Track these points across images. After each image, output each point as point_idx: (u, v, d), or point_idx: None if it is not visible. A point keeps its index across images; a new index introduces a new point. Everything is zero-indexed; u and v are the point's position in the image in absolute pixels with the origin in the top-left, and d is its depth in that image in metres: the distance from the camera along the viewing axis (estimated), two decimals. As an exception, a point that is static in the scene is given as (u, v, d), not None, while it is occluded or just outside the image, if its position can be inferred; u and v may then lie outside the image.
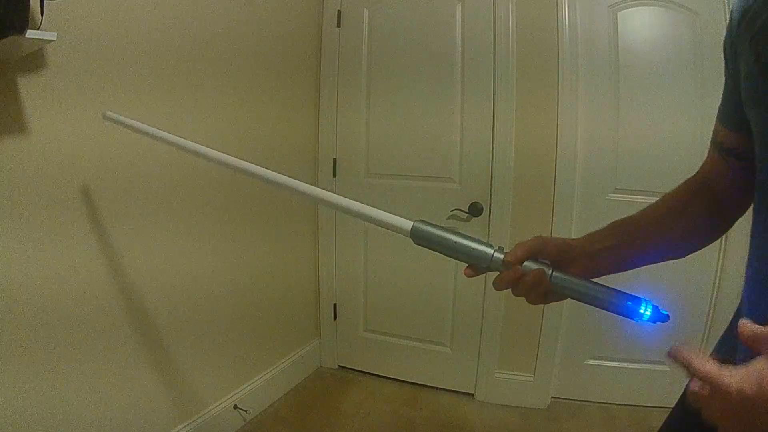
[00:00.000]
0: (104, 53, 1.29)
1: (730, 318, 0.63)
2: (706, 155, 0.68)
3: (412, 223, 0.63)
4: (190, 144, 0.90)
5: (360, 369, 2.40)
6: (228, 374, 1.86)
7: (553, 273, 0.59)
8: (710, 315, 1.91)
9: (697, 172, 0.69)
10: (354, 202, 0.68)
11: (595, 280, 0.61)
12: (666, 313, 0.56)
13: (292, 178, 0.74)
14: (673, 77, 1.86)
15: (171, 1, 1.48)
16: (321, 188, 0.74)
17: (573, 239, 0.66)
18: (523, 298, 0.62)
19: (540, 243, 0.62)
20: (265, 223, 1.99)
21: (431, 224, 0.63)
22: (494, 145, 2.02)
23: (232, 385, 1.88)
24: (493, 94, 2.01)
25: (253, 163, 0.79)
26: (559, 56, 1.92)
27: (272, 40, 1.95)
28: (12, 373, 1.14)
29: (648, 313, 0.56)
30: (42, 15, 1.02)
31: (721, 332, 0.66)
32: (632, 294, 0.58)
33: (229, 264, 1.82)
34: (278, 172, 0.75)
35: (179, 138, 0.93)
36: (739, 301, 0.60)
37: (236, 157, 0.81)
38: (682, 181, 0.70)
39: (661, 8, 1.86)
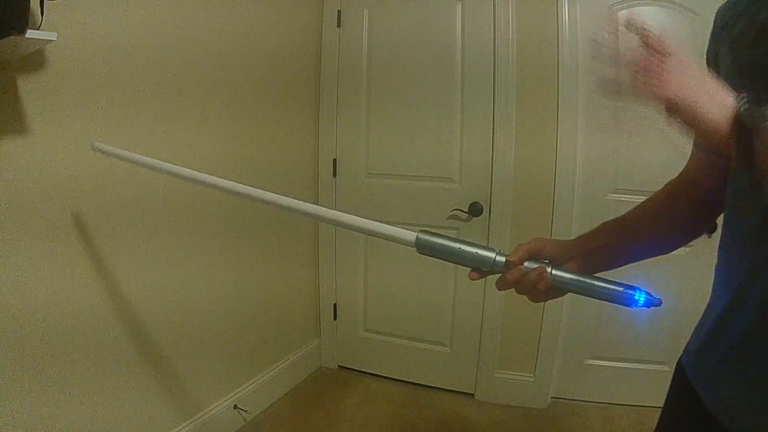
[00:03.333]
0: (103, 64, 1.29)
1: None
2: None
3: (416, 234, 0.66)
4: (184, 171, 0.91)
5: (360, 369, 2.40)
6: (228, 374, 1.86)
7: (553, 270, 0.63)
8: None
9: (681, 172, 0.73)
10: (356, 217, 0.71)
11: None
12: (658, 298, 0.61)
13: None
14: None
15: (170, 6, 1.48)
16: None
17: (567, 240, 0.71)
18: (524, 298, 0.66)
19: (539, 244, 0.66)
20: (266, 226, 1.98)
21: (434, 234, 0.67)
22: (494, 145, 2.02)
23: (232, 385, 1.88)
24: (493, 94, 2.01)
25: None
26: (559, 56, 1.92)
27: (272, 41, 1.95)
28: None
29: (642, 299, 0.61)
30: (42, 15, 1.02)
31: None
32: (625, 283, 0.62)
33: (230, 267, 1.81)
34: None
35: (172, 165, 0.93)
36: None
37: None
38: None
39: (661, 8, 1.86)
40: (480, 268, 0.65)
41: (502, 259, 0.63)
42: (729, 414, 0.55)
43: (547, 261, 0.65)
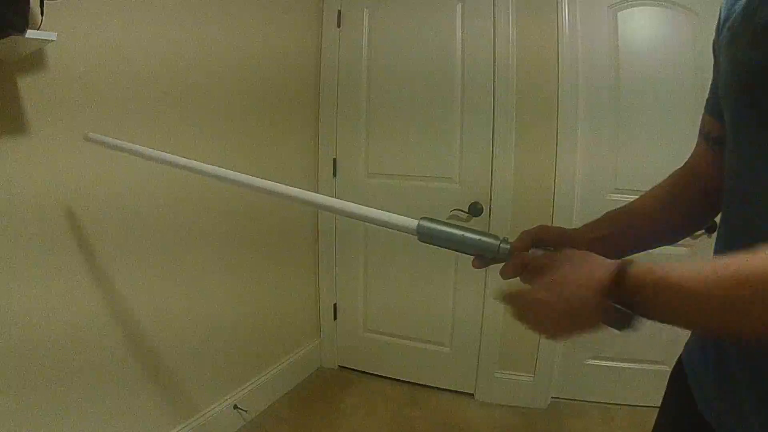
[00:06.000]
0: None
1: None
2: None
3: (417, 221, 0.64)
4: (177, 159, 0.88)
5: (360, 369, 2.40)
6: (228, 374, 1.86)
7: None
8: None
9: (686, 163, 0.72)
10: (357, 205, 0.69)
11: None
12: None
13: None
14: (673, 78, 1.86)
15: (171, 10, 1.48)
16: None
17: (572, 228, 0.71)
18: None
19: (542, 231, 0.67)
20: (266, 227, 1.98)
21: (436, 221, 0.64)
22: (494, 145, 2.02)
23: (232, 385, 1.88)
24: (494, 94, 2.01)
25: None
26: (559, 57, 1.91)
27: (272, 42, 1.94)
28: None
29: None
30: (42, 15, 1.02)
31: None
32: None
33: (230, 268, 1.81)
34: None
35: (166, 154, 0.91)
36: None
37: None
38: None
39: (661, 8, 1.86)
40: (483, 256, 0.63)
41: (507, 246, 0.62)
42: (713, 415, 0.57)
43: (551, 248, 0.63)
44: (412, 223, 0.64)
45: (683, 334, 0.70)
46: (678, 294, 0.43)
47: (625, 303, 0.47)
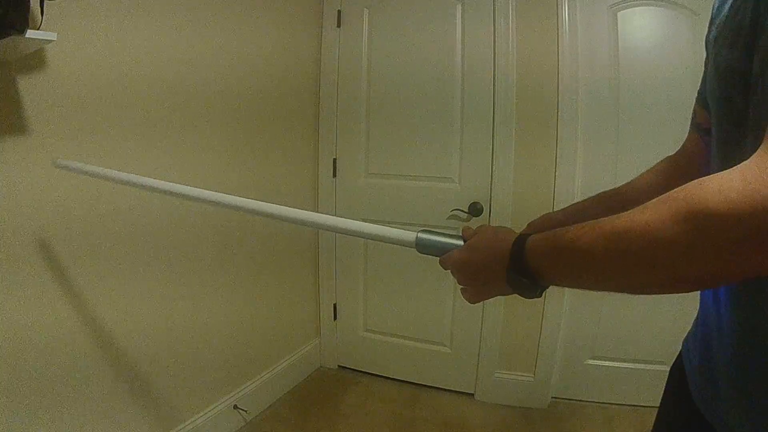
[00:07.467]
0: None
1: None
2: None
3: (416, 234, 0.63)
4: (159, 183, 0.86)
5: (360, 369, 2.40)
6: (228, 374, 1.86)
7: None
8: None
9: (678, 150, 0.76)
10: (353, 221, 0.68)
11: None
12: None
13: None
14: (673, 78, 1.85)
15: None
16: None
17: (566, 209, 0.76)
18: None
19: (544, 221, 0.72)
20: (264, 227, 1.98)
21: (435, 232, 0.63)
22: (494, 145, 2.02)
23: (232, 385, 1.88)
24: (494, 94, 2.01)
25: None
26: (559, 57, 1.91)
27: (272, 44, 1.95)
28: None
29: None
30: (42, 15, 1.02)
31: None
32: None
33: (229, 271, 1.82)
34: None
35: (146, 178, 0.89)
36: None
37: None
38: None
39: (661, 8, 1.86)
40: None
41: None
42: (701, 401, 0.58)
43: None
44: (410, 236, 0.64)
45: (682, 333, 0.71)
46: (571, 254, 0.46)
47: (528, 271, 0.50)
